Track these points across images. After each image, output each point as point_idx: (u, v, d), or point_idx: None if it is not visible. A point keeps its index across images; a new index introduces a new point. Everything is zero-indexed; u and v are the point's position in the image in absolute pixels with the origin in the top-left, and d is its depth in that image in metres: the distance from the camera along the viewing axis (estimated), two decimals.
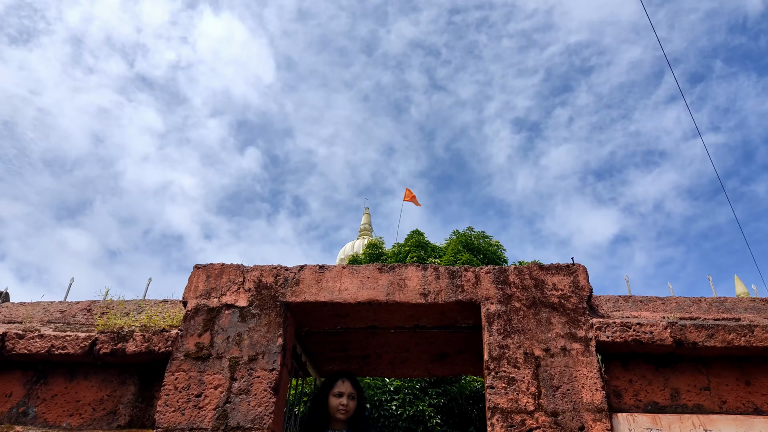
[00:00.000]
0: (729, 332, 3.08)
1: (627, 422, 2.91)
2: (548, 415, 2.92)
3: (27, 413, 3.15)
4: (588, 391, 2.97)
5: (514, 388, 3.02)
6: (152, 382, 3.24)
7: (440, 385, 9.68)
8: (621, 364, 3.15)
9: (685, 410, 2.96)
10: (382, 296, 3.45)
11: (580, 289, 3.36)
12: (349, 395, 3.13)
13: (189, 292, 3.49)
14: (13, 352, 3.25)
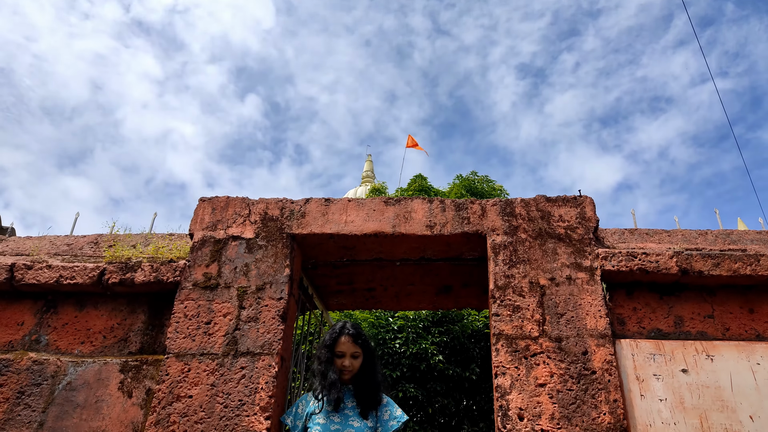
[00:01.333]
0: (735, 261, 3.09)
1: (630, 348, 2.95)
2: (552, 341, 2.96)
3: (39, 341, 3.21)
4: (592, 318, 3.00)
5: (519, 316, 3.05)
6: (162, 310, 3.28)
7: (443, 324, 9.83)
8: (625, 292, 3.18)
9: (689, 337, 3.00)
10: (387, 228, 3.45)
11: (586, 221, 3.35)
12: (351, 355, 2.77)
13: (195, 224, 3.50)
14: (23, 283, 3.28)
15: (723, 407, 2.78)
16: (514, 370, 2.91)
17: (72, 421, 2.93)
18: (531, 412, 2.79)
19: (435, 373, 9.69)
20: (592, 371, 2.86)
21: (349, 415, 2.66)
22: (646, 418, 2.76)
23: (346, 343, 2.78)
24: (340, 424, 2.62)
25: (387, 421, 2.70)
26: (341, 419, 2.64)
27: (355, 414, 2.67)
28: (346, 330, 2.81)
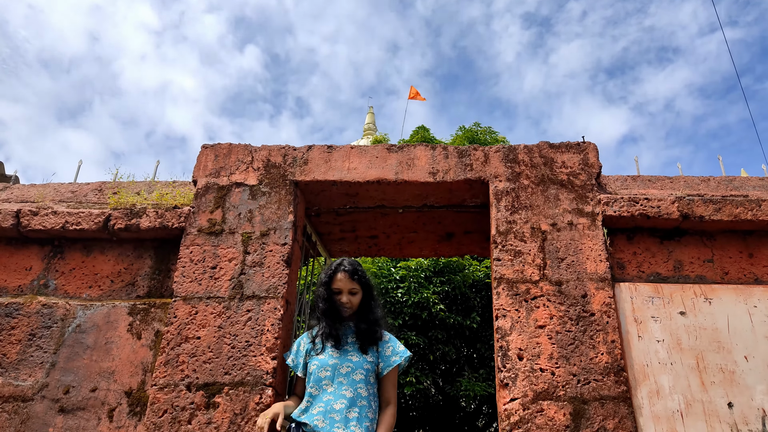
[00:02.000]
0: (736, 206, 3.10)
1: (629, 291, 3.00)
2: (552, 284, 3.01)
3: (47, 285, 3.27)
4: (592, 262, 3.04)
5: (520, 260, 3.09)
6: (167, 256, 3.32)
7: (444, 273, 9.95)
8: (626, 237, 3.20)
9: (687, 281, 3.04)
10: (390, 175, 3.46)
11: (589, 167, 3.35)
12: (349, 291, 2.66)
13: (198, 171, 3.50)
14: (29, 228, 3.32)
15: (719, 348, 2.84)
16: (515, 312, 2.96)
17: (83, 362, 3.01)
18: (530, 352, 2.85)
19: (436, 321, 9.85)
20: (590, 313, 2.92)
21: (349, 351, 2.58)
22: (643, 358, 2.83)
23: (343, 279, 2.64)
24: (338, 358, 2.53)
25: (389, 357, 2.60)
26: (340, 354, 2.55)
27: (355, 349, 2.58)
28: (343, 267, 2.67)
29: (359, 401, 2.44)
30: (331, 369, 2.50)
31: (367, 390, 2.49)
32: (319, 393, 2.47)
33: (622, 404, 2.70)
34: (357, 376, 2.49)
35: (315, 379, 2.51)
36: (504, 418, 2.75)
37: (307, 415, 2.42)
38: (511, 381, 2.81)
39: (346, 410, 2.39)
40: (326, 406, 2.41)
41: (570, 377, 2.78)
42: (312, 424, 2.38)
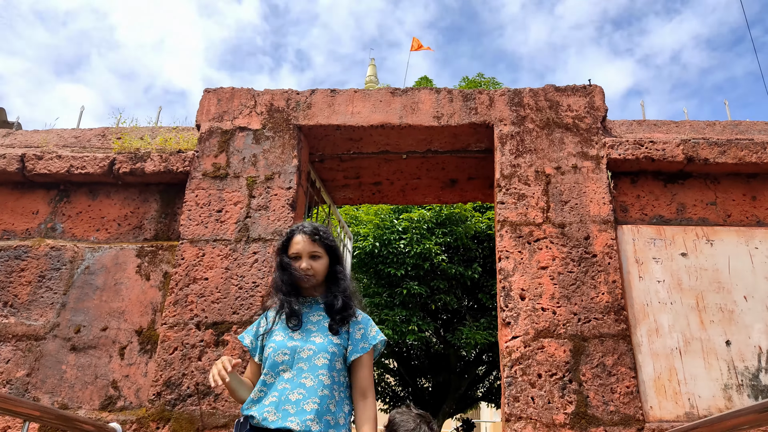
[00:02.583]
0: (741, 149, 3.09)
1: (631, 233, 3.02)
2: (555, 227, 3.03)
3: (55, 228, 3.30)
4: (595, 205, 3.06)
5: (524, 203, 3.11)
6: (173, 200, 3.34)
7: (446, 225, 9.99)
8: (630, 181, 3.21)
9: (690, 223, 3.06)
10: (394, 119, 3.44)
11: (595, 110, 3.33)
12: (310, 255, 2.19)
13: (201, 116, 3.49)
14: (34, 172, 3.33)
15: (719, 288, 2.89)
16: (518, 254, 3.00)
17: (93, 302, 3.07)
18: (532, 292, 2.90)
19: (438, 272, 9.96)
20: (593, 255, 2.95)
21: (312, 331, 2.11)
22: (643, 297, 2.88)
23: (302, 242, 2.19)
24: (300, 341, 2.07)
25: (358, 342, 2.12)
26: (302, 336, 2.10)
27: (321, 330, 2.12)
28: (301, 227, 2.25)
29: (320, 391, 1.98)
30: (290, 353, 2.04)
31: (331, 378, 2.03)
32: (274, 381, 2.02)
33: (622, 341, 2.76)
34: (319, 361, 2.03)
35: (270, 365, 2.04)
36: (506, 355, 2.81)
37: (257, 407, 1.97)
38: (513, 320, 2.86)
39: (303, 401, 1.95)
40: (280, 396, 1.97)
41: (571, 316, 2.83)
42: (260, 417, 1.93)
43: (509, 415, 2.69)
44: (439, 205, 10.03)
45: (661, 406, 2.68)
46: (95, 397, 2.87)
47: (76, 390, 2.89)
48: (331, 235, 2.27)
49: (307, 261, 2.18)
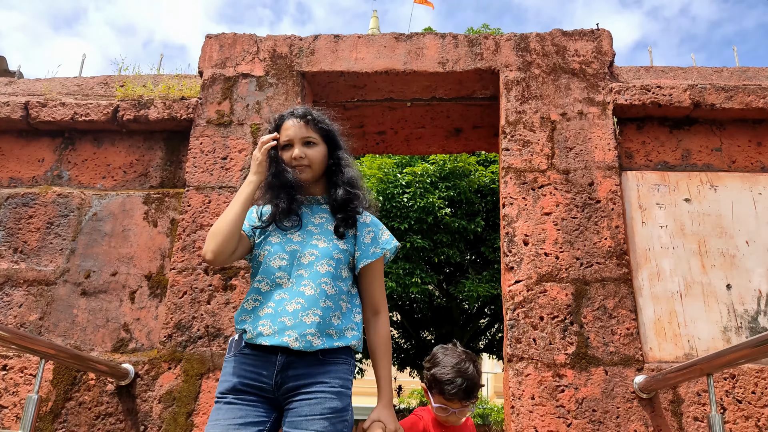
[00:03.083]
0: (748, 94, 3.07)
1: (635, 179, 3.03)
2: (560, 173, 3.04)
3: (61, 176, 3.32)
4: (600, 151, 3.06)
5: (529, 150, 3.10)
6: (177, 147, 3.35)
7: (450, 179, 10.00)
8: (636, 127, 3.20)
9: (694, 169, 3.07)
10: (399, 65, 3.41)
11: (602, 55, 3.29)
12: (303, 142, 1.86)
13: (204, 62, 3.46)
14: (39, 120, 3.33)
15: (722, 233, 2.91)
16: (522, 200, 3.01)
17: (101, 248, 3.11)
18: (535, 237, 2.93)
19: (441, 225, 10.01)
20: (596, 201, 2.96)
21: (314, 233, 1.82)
22: (645, 243, 2.91)
23: (294, 126, 1.87)
24: (299, 244, 1.79)
25: (368, 246, 1.85)
26: (303, 238, 1.81)
27: (325, 232, 1.83)
28: (292, 111, 1.93)
29: (322, 301, 1.71)
30: (289, 258, 1.77)
31: (336, 287, 1.76)
32: (270, 289, 1.75)
33: (623, 285, 2.80)
34: (322, 268, 1.75)
35: (266, 270, 1.78)
36: (508, 299, 2.86)
37: (251, 320, 1.73)
38: (516, 265, 2.90)
39: (302, 313, 1.68)
40: (277, 307, 1.71)
41: (573, 261, 2.87)
42: (254, 332, 1.68)
43: (511, 356, 2.75)
44: (443, 159, 10.01)
45: (661, 348, 2.73)
46: (107, 340, 2.94)
47: (88, 333, 2.96)
48: (327, 119, 1.96)
49: (300, 148, 1.84)
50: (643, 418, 2.60)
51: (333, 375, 1.69)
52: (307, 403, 1.63)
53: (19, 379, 2.86)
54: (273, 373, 1.67)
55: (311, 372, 1.67)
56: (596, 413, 2.61)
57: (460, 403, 1.98)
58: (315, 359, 1.68)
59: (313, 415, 1.60)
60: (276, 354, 1.68)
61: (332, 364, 1.71)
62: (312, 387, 1.65)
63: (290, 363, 1.67)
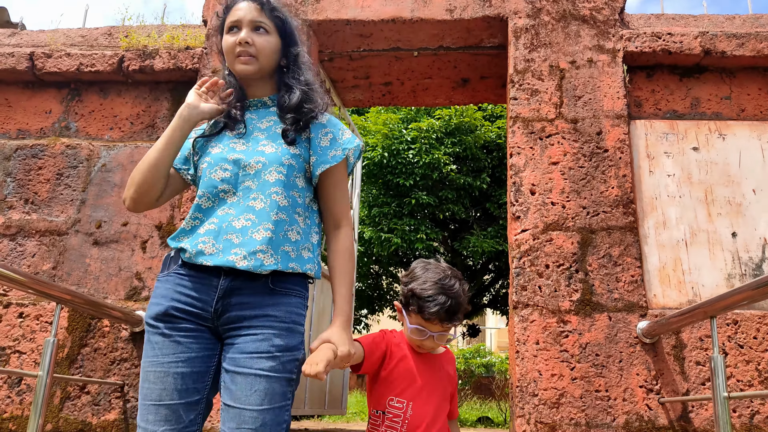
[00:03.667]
0: (760, 41, 3.02)
1: (644, 128, 3.01)
2: (568, 122, 3.02)
3: (69, 127, 3.32)
4: (609, 99, 3.03)
5: (537, 99, 3.08)
6: (184, 98, 3.33)
7: (456, 134, 9.94)
8: (645, 75, 3.16)
9: (703, 117, 3.05)
10: (406, 13, 3.36)
11: (613, 0, 3.23)
12: (253, 27, 1.59)
13: (208, 11, 3.42)
14: (44, 71, 3.31)
15: (728, 182, 2.91)
16: (529, 150, 3.01)
17: (111, 199, 3.14)
18: (542, 187, 2.94)
19: (446, 182, 10.01)
20: (604, 150, 2.96)
21: (260, 139, 1.57)
22: (652, 191, 2.91)
23: (244, 8, 1.61)
24: (244, 152, 1.53)
25: (326, 150, 1.57)
26: (248, 146, 1.56)
27: (272, 137, 1.57)
28: None
29: (274, 214, 1.47)
30: (233, 168, 1.52)
31: (291, 199, 1.52)
32: (213, 206, 1.51)
33: (629, 233, 2.82)
34: (272, 176, 1.50)
35: (207, 185, 1.52)
36: (514, 248, 2.89)
37: (191, 238, 1.48)
38: (522, 214, 2.92)
39: (252, 229, 1.45)
40: (221, 222, 1.46)
41: (580, 209, 2.88)
42: (193, 250, 1.44)
43: (516, 303, 2.80)
44: (449, 114, 9.93)
45: (665, 295, 2.77)
46: (120, 288, 3.00)
47: (101, 281, 3.02)
48: (285, 9, 1.67)
49: (248, 32, 1.58)
50: (646, 362, 2.65)
51: (284, 308, 1.45)
52: (252, 338, 1.40)
53: (35, 326, 2.93)
54: (213, 299, 1.44)
55: (259, 302, 1.44)
56: (599, 357, 2.67)
57: (441, 325, 1.65)
58: (264, 288, 1.45)
59: (259, 353, 1.39)
60: (219, 276, 1.44)
61: (284, 295, 1.46)
62: (258, 321, 1.42)
63: (235, 288, 1.44)
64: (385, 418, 1.65)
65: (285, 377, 1.40)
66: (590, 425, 2.59)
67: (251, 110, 1.64)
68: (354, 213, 4.97)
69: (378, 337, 1.71)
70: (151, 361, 1.43)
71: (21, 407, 2.81)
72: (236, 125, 1.61)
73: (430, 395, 1.69)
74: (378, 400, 1.67)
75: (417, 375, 1.69)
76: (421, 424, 1.64)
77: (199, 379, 1.44)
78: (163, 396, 1.40)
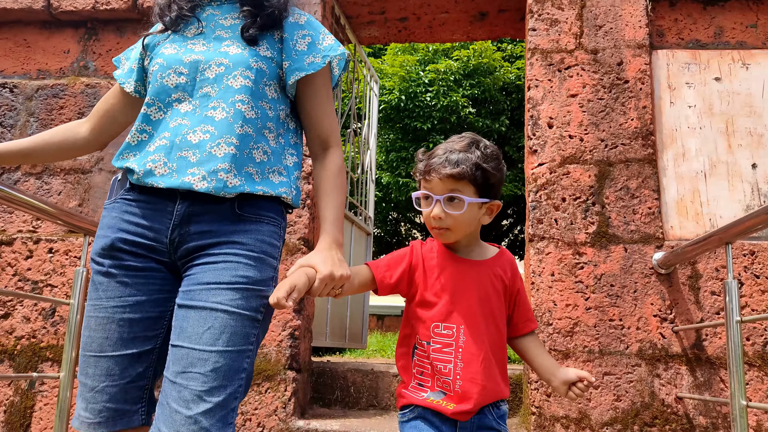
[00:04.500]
0: None
1: (666, 58, 2.95)
2: (588, 53, 2.97)
3: (87, 67, 3.35)
4: (631, 29, 2.96)
5: (556, 29, 3.02)
6: None
7: (474, 76, 9.78)
8: (668, 4, 3.07)
9: (727, 47, 2.97)
10: None
11: None
12: None
13: None
14: (60, 10, 3.31)
15: (751, 113, 2.86)
16: (547, 82, 2.98)
17: None
18: (560, 120, 2.92)
19: (465, 125, 9.92)
20: (625, 81, 2.91)
21: (224, 39, 1.32)
22: (673, 123, 2.88)
23: None
24: (203, 53, 1.29)
25: (303, 54, 1.33)
26: (208, 46, 1.31)
27: (234, 36, 1.32)
28: None
29: (239, 127, 1.23)
30: (189, 72, 1.28)
31: (258, 110, 1.28)
32: (164, 116, 1.28)
33: (647, 165, 2.81)
34: (236, 82, 1.26)
35: (158, 91, 1.28)
36: (531, 181, 2.90)
37: (138, 156, 1.25)
38: (539, 147, 2.91)
39: (211, 144, 1.21)
40: (174, 137, 1.23)
41: (598, 142, 2.87)
42: (141, 170, 1.21)
43: (532, 236, 2.83)
44: (467, 55, 9.74)
45: (682, 226, 2.78)
46: None
47: None
48: None
49: None
50: (661, 292, 2.69)
51: (253, 236, 1.22)
52: (211, 267, 1.17)
53: (65, 260, 3.04)
54: (168, 228, 1.21)
55: (222, 229, 1.21)
56: (614, 288, 2.71)
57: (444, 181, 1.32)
58: (229, 212, 1.22)
59: (218, 283, 1.15)
60: (174, 201, 1.21)
61: (253, 222, 1.23)
62: (221, 248, 1.19)
63: (193, 214, 1.21)
64: (431, 350, 1.36)
65: (248, 315, 1.16)
66: (603, 353, 2.66)
67: (213, 4, 1.38)
68: (371, 157, 4.98)
69: (400, 252, 1.45)
70: (94, 305, 1.22)
71: (56, 337, 2.95)
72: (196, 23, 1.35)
73: (486, 313, 1.39)
74: (419, 330, 1.39)
75: (465, 288, 1.39)
76: (479, 352, 1.35)
77: (150, 326, 1.22)
78: (105, 346, 1.19)
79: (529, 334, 1.49)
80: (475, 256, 1.46)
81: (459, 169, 1.31)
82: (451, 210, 1.33)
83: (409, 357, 1.42)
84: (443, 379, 1.34)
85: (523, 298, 1.48)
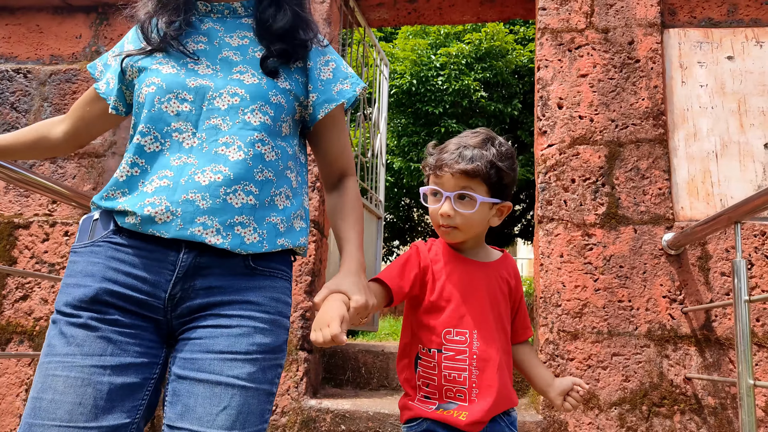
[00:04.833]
0: None
1: (677, 36, 2.92)
2: (598, 32, 2.95)
3: (99, 51, 3.38)
4: (642, 7, 2.93)
5: (567, 8, 3.00)
6: None
7: (486, 60, 9.72)
8: None
9: (741, 24, 2.93)
10: None
11: None
12: None
13: None
14: None
15: (764, 91, 2.83)
16: (557, 62, 2.96)
17: None
18: (570, 100, 2.90)
19: (477, 109, 9.87)
20: (636, 60, 2.89)
21: (234, 62, 1.12)
22: (684, 102, 2.86)
23: None
24: (211, 78, 1.09)
25: (329, 84, 1.19)
26: (215, 68, 1.11)
27: (250, 61, 1.13)
28: None
29: (260, 172, 1.07)
30: (194, 97, 1.08)
31: (278, 151, 1.12)
32: (161, 148, 1.07)
33: (658, 146, 2.79)
34: (255, 118, 1.09)
35: (154, 118, 1.07)
36: (540, 163, 2.89)
37: (132, 197, 1.04)
38: (549, 128, 2.90)
39: (225, 188, 1.03)
40: (178, 176, 1.03)
41: (608, 123, 2.85)
42: (140, 217, 1.01)
43: (542, 217, 2.83)
44: (479, 39, 9.67)
45: (692, 207, 2.77)
46: None
47: None
48: None
49: None
50: (670, 273, 2.68)
51: (268, 294, 1.07)
52: (224, 332, 1.00)
53: None
54: (169, 281, 1.02)
55: (234, 285, 1.04)
56: (623, 269, 2.71)
57: (455, 177, 1.27)
58: (242, 267, 1.05)
59: (234, 353, 0.99)
60: (177, 250, 1.03)
61: (267, 276, 1.08)
62: (233, 309, 1.03)
63: (201, 267, 1.03)
64: (443, 359, 1.28)
65: (266, 390, 1.02)
66: (612, 333, 2.66)
67: (213, 17, 1.18)
68: (381, 140, 4.98)
69: (405, 256, 1.37)
70: (62, 363, 0.95)
71: None
72: (197, 37, 1.14)
73: (496, 316, 1.33)
74: (424, 338, 1.31)
75: (475, 291, 1.32)
76: (493, 357, 1.29)
77: (130, 395, 0.98)
78: (76, 415, 0.92)
79: (525, 342, 1.47)
80: (482, 258, 1.40)
81: (473, 166, 1.25)
82: (461, 208, 1.28)
83: (412, 369, 1.33)
84: (457, 389, 1.26)
85: (524, 304, 1.45)
